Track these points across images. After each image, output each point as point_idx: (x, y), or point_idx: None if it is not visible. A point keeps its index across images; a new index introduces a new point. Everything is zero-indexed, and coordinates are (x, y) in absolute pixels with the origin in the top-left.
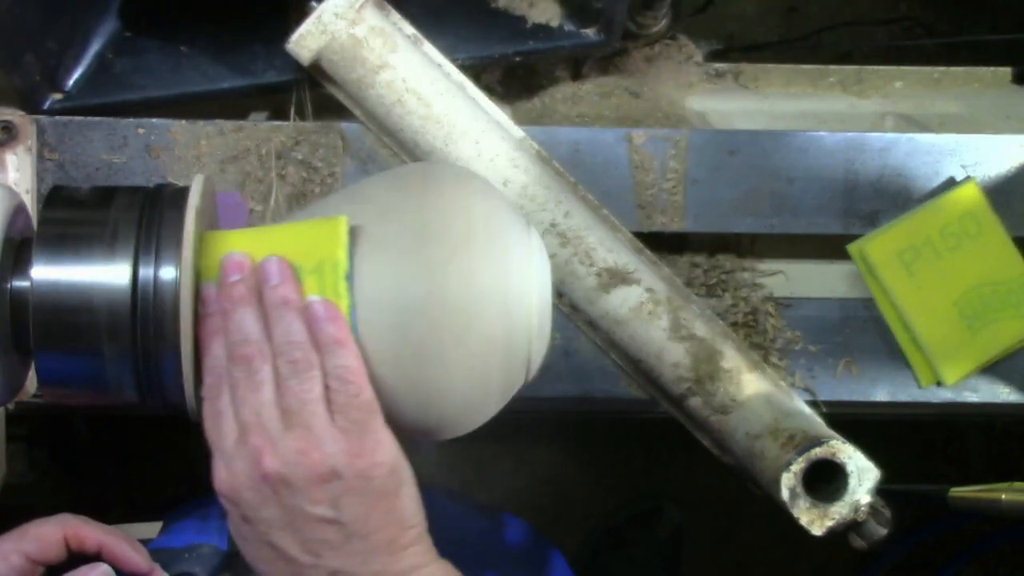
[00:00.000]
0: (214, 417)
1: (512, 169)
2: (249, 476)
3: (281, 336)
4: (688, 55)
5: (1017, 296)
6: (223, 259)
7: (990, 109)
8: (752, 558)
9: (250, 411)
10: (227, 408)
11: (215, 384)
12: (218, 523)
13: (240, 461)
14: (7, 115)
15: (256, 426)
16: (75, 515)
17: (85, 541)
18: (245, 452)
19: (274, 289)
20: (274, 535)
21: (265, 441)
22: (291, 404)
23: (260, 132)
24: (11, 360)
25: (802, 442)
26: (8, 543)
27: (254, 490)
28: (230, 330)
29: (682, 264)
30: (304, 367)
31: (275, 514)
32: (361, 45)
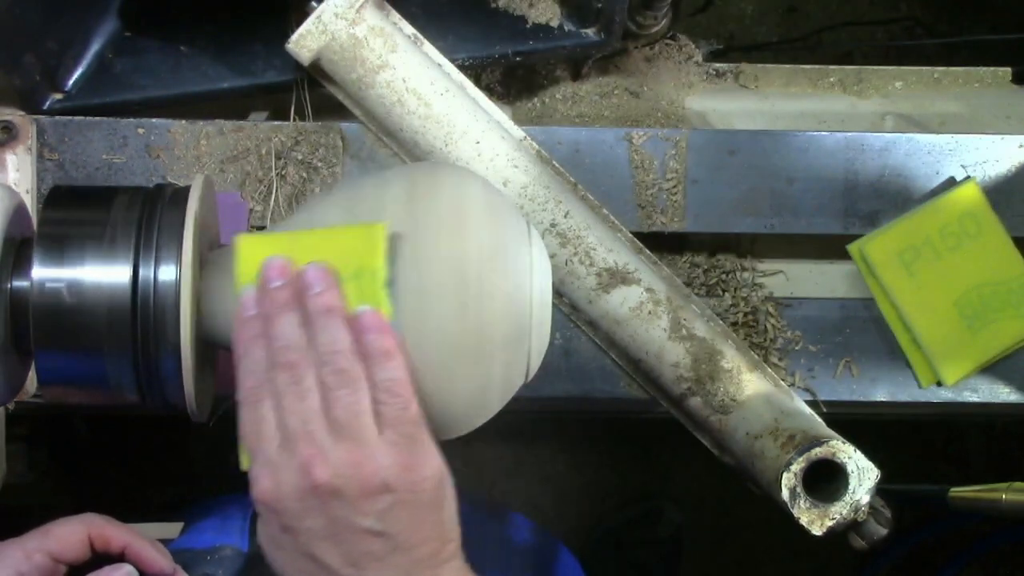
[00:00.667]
0: (255, 422)
1: (512, 169)
2: (296, 486)
3: (326, 345)
4: (688, 55)
5: (1017, 296)
6: (264, 263)
7: (990, 109)
8: (752, 558)
9: (297, 419)
10: (269, 414)
11: (255, 388)
12: (239, 524)
13: (287, 470)
14: (7, 115)
15: (304, 435)
16: (99, 515)
17: (109, 541)
18: (293, 461)
19: (318, 296)
20: (316, 546)
21: (315, 451)
22: (340, 415)
23: (260, 132)
24: (11, 360)
25: (802, 442)
26: (32, 542)
27: (300, 500)
28: (273, 335)
29: (682, 264)
30: (352, 378)
31: (319, 525)
32: (361, 45)
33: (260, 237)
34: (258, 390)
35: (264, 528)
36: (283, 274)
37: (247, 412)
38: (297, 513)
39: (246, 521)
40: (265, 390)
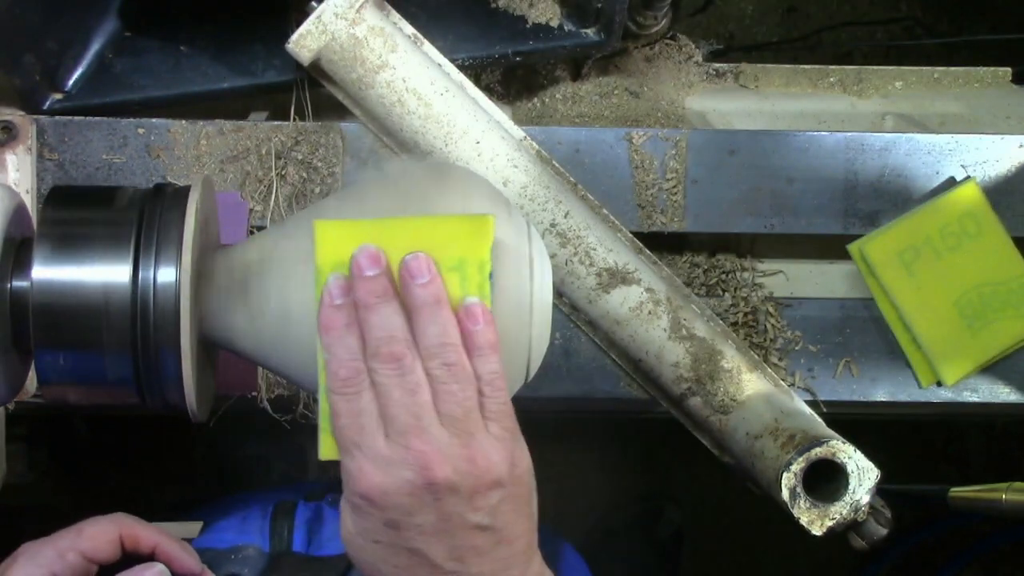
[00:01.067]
0: (354, 414)
1: (512, 169)
2: (410, 482)
3: (436, 337)
4: (688, 55)
5: (1017, 296)
6: (358, 251)
7: (990, 109)
8: (752, 558)
9: (407, 413)
10: (371, 406)
11: (352, 378)
12: (259, 524)
13: (400, 465)
14: (7, 115)
15: (417, 430)
16: (128, 515)
17: (139, 541)
18: (408, 457)
19: (424, 287)
20: (422, 541)
21: (432, 447)
22: (453, 410)
23: (260, 132)
24: (11, 360)
25: (802, 442)
26: (65, 541)
27: (412, 496)
28: (373, 325)
29: (682, 264)
30: (462, 371)
31: (430, 521)
32: (361, 45)
33: (340, 223)
34: (356, 380)
35: (360, 521)
36: (378, 263)
37: (343, 403)
38: (408, 508)
39: (266, 520)
40: (364, 381)
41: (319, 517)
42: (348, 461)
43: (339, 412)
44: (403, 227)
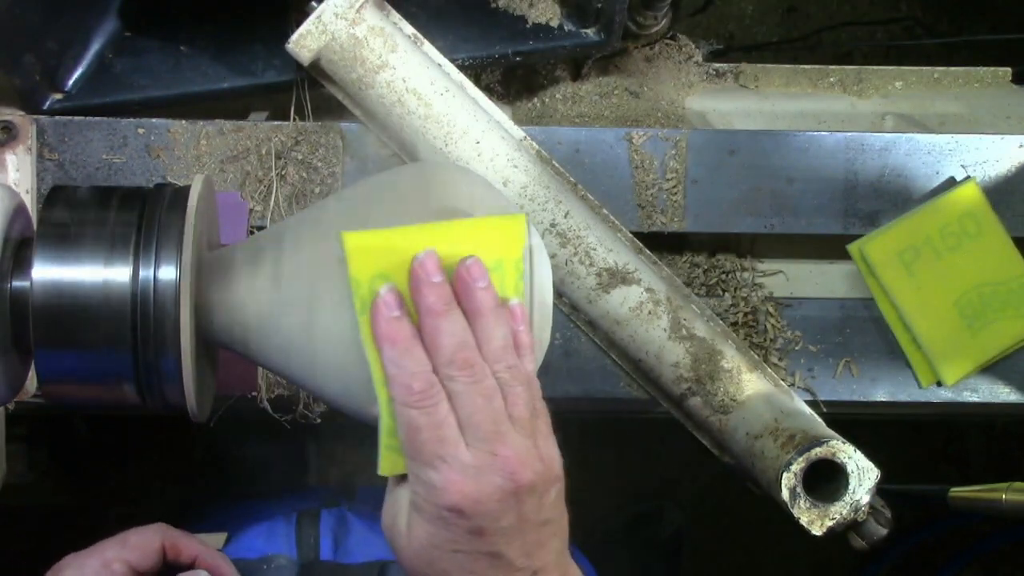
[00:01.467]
0: (433, 427)
1: (512, 169)
2: (500, 488)
3: (500, 340)
4: (688, 55)
5: (1017, 296)
6: (422, 257)
7: (990, 109)
8: (752, 558)
9: (488, 420)
10: (449, 416)
11: (428, 391)
12: (284, 532)
13: (489, 473)
14: (7, 115)
15: (497, 436)
16: (169, 525)
17: (181, 551)
18: (496, 464)
19: (485, 291)
20: (504, 544)
21: (515, 452)
22: (521, 412)
23: (260, 132)
24: (11, 360)
25: (802, 442)
26: (111, 551)
27: (501, 502)
28: (445, 332)
29: (682, 264)
30: (521, 373)
31: (511, 523)
32: (361, 45)
33: (370, 234)
34: (432, 392)
35: (442, 533)
36: (441, 268)
37: (422, 416)
38: (495, 514)
39: (291, 529)
40: (440, 391)
41: (344, 524)
42: (432, 474)
43: (418, 426)
44: (434, 232)
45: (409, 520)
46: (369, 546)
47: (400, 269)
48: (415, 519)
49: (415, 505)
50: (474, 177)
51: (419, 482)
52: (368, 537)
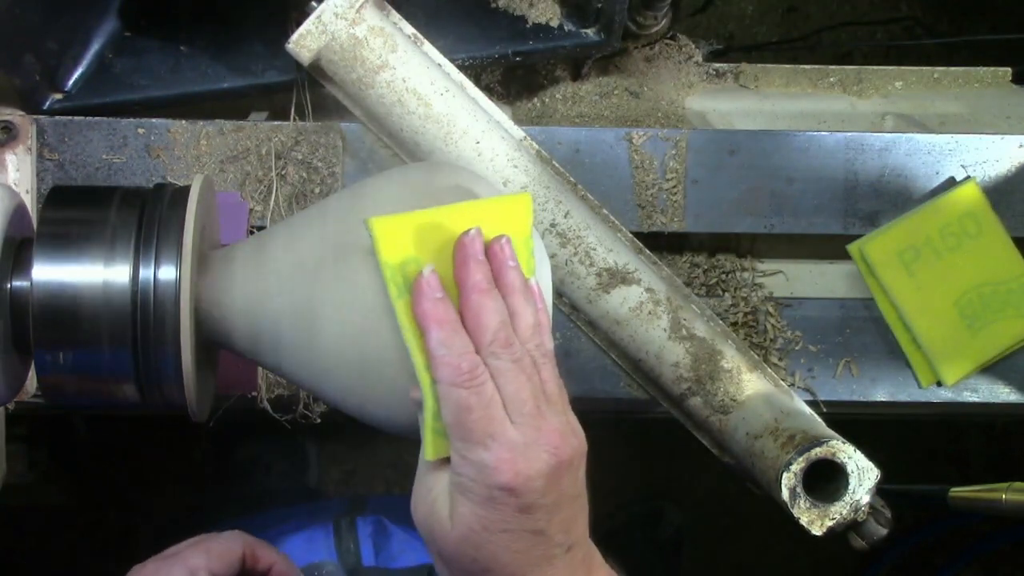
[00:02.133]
0: (483, 406)
1: (512, 169)
2: (547, 464)
3: (530, 318)
4: (688, 55)
5: (1017, 296)
6: (472, 235)
7: (990, 109)
8: (752, 558)
9: (531, 397)
10: (495, 395)
11: (475, 370)
12: (323, 538)
13: (535, 450)
14: (7, 115)
15: (540, 413)
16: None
17: (258, 560)
18: (541, 440)
19: (515, 270)
20: (546, 520)
21: (556, 428)
22: (553, 389)
23: (260, 132)
24: (11, 360)
25: (802, 442)
26: (196, 559)
27: (548, 477)
28: (489, 310)
29: (682, 264)
30: (548, 351)
31: (552, 499)
32: (361, 45)
33: (396, 218)
34: (479, 371)
35: (491, 514)
36: (482, 250)
37: (471, 396)
38: (542, 490)
39: (330, 537)
40: (485, 371)
41: (383, 530)
42: (483, 454)
43: (468, 406)
44: (452, 214)
45: (453, 505)
46: (413, 551)
47: (429, 250)
48: (461, 503)
49: (461, 488)
50: (474, 177)
51: (467, 463)
52: (411, 543)
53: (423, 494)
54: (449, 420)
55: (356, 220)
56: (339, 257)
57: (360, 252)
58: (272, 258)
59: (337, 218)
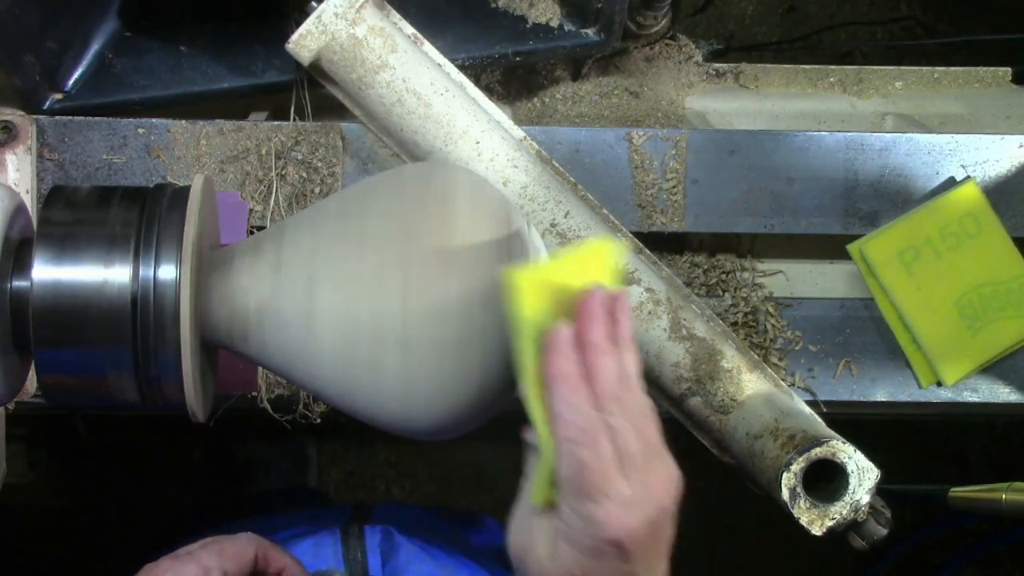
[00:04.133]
0: (599, 464)
1: (512, 169)
2: (653, 518)
3: (633, 371)
4: (688, 55)
5: (1017, 296)
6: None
7: (990, 109)
8: (752, 558)
9: (639, 451)
10: (608, 451)
11: (592, 427)
12: (332, 549)
13: (646, 505)
14: (7, 115)
15: (649, 466)
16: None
17: (271, 562)
18: (649, 495)
19: (626, 325)
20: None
21: (662, 480)
22: (653, 437)
23: (260, 132)
24: (11, 360)
25: (802, 442)
26: (207, 558)
27: (651, 528)
28: (608, 367)
29: (682, 264)
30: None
31: (651, 546)
32: (361, 45)
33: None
34: (595, 428)
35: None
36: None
37: (588, 453)
38: (648, 545)
39: (337, 545)
40: (599, 427)
41: (391, 541)
42: (595, 509)
43: (585, 463)
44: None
45: (556, 550)
46: (421, 563)
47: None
48: (565, 550)
49: (567, 537)
50: (474, 177)
51: (577, 516)
52: (419, 555)
53: (523, 529)
54: (565, 475)
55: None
56: (339, 257)
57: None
58: (272, 258)
59: (337, 219)
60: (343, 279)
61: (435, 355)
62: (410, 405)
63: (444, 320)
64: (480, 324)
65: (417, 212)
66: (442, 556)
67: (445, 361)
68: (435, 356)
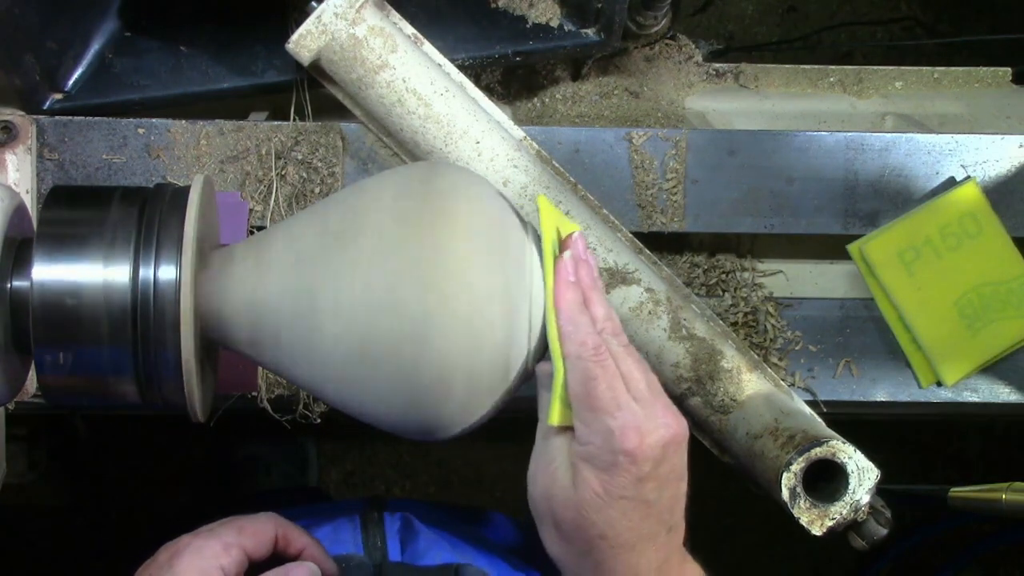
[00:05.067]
0: (609, 379)
1: (512, 169)
2: (663, 436)
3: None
4: (688, 55)
5: (1017, 296)
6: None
7: (990, 109)
8: (752, 558)
9: (642, 380)
10: (613, 369)
11: (600, 347)
12: (350, 532)
13: (652, 422)
14: (7, 115)
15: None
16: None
17: (291, 542)
18: (657, 414)
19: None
20: (656, 493)
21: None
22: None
23: (260, 132)
24: (11, 360)
25: (802, 442)
26: (229, 535)
27: (664, 448)
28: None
29: (682, 264)
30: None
31: (664, 473)
32: (361, 45)
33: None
34: (603, 349)
35: (611, 480)
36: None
37: (599, 368)
38: (656, 460)
39: (357, 531)
40: (606, 350)
41: (410, 527)
42: (609, 420)
43: (595, 376)
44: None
45: (576, 472)
46: (440, 550)
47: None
48: (584, 469)
49: (586, 456)
50: (474, 177)
51: (593, 432)
52: (438, 542)
53: (544, 465)
54: (577, 390)
55: (355, 222)
56: (339, 257)
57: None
58: (272, 257)
59: (337, 218)
60: (344, 279)
61: (436, 355)
62: (412, 405)
63: (445, 320)
64: (481, 324)
65: (418, 212)
66: (461, 544)
67: (447, 361)
68: (436, 356)
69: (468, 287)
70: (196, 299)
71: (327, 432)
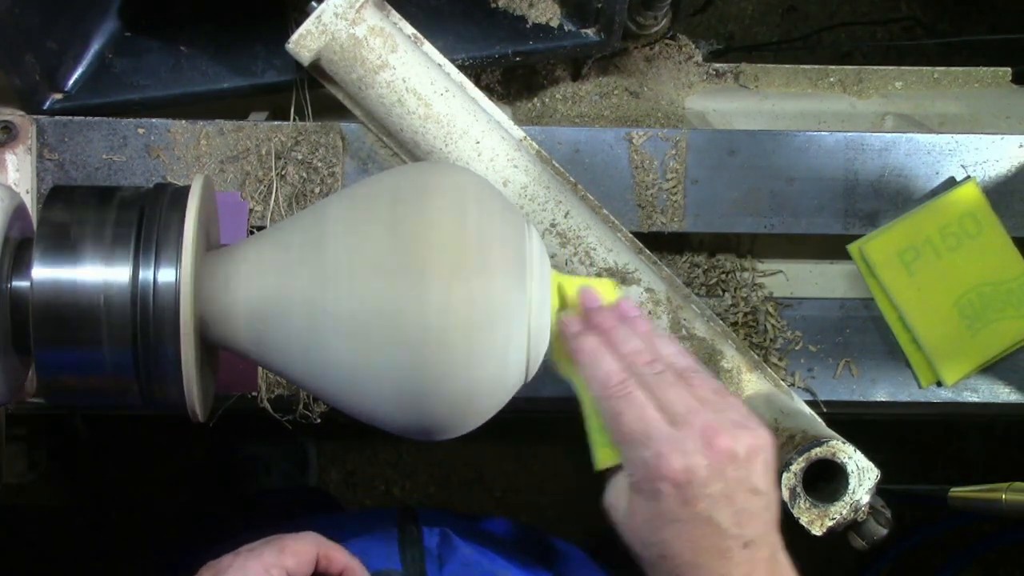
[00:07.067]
0: (635, 410)
1: (512, 169)
2: (703, 455)
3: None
4: (688, 55)
5: (1017, 296)
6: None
7: (990, 109)
8: None
9: (678, 400)
10: (646, 402)
11: (622, 382)
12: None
13: (691, 442)
14: (7, 115)
15: (689, 412)
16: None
17: (332, 561)
18: (694, 434)
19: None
20: (714, 510)
21: (708, 424)
22: (706, 395)
23: (260, 132)
24: (11, 360)
25: (802, 442)
26: (269, 556)
27: (708, 468)
28: (622, 342)
29: (682, 264)
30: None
31: (719, 489)
32: (361, 45)
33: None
34: (626, 383)
35: (657, 507)
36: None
37: (623, 403)
38: (703, 481)
39: (394, 542)
40: (632, 383)
41: (448, 543)
42: (644, 452)
43: (621, 411)
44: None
45: (630, 501)
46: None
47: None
48: (635, 499)
49: (634, 486)
50: (474, 177)
51: (633, 464)
52: (477, 560)
53: (612, 490)
54: (610, 427)
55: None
56: (339, 257)
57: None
58: (272, 258)
59: (338, 217)
60: (344, 279)
61: (436, 356)
62: (412, 406)
63: (446, 320)
64: (481, 325)
65: (418, 213)
66: (500, 561)
67: (448, 361)
68: (436, 357)
69: (468, 288)
70: (196, 299)
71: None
